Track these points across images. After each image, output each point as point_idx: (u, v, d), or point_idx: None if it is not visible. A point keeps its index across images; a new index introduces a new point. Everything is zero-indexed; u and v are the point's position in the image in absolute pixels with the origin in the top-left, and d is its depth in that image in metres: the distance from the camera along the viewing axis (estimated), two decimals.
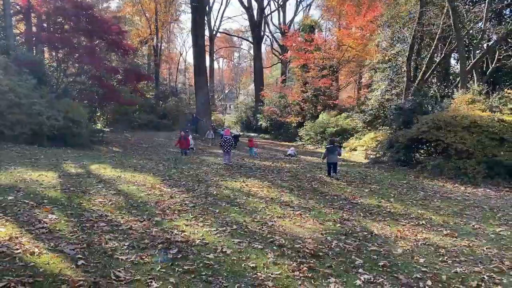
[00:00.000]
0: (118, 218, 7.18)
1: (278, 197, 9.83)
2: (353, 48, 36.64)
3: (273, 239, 6.51)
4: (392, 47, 31.46)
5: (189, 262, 5.38)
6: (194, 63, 35.49)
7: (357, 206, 9.32)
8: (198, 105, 35.33)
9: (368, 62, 34.33)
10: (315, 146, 32.62)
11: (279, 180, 12.37)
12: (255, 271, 5.23)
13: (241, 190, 10.53)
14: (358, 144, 29.49)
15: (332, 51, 37.89)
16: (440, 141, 14.15)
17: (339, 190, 11.22)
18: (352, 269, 5.53)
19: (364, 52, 36.88)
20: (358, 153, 28.19)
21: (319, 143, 33.14)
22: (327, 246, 6.36)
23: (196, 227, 6.91)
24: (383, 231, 7.44)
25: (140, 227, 6.73)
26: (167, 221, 7.20)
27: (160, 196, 9.19)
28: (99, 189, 9.44)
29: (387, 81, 31.16)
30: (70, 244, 5.70)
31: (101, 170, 12.15)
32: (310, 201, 9.60)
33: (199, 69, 34.67)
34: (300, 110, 39.49)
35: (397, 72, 30.75)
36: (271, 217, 7.92)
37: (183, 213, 7.82)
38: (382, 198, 10.38)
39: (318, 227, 7.44)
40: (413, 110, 17.23)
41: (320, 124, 33.49)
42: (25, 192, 8.47)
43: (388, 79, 31.10)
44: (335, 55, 37.52)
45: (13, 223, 6.41)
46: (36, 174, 10.55)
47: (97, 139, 22.61)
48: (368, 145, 28.35)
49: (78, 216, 7.07)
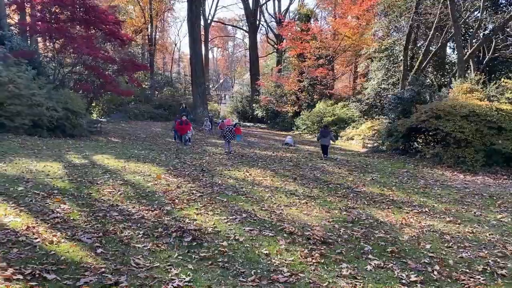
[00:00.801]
0: (129, 207, 7.31)
1: (282, 186, 9.99)
2: (349, 37, 36.65)
3: (283, 227, 6.66)
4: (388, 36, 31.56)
5: (204, 249, 5.53)
6: (190, 52, 35.39)
7: (361, 195, 9.49)
8: (195, 94, 35.27)
9: (364, 51, 34.38)
10: (312, 135, 32.72)
11: (282, 169, 12.53)
12: (269, 258, 5.38)
13: (245, 179, 10.68)
14: (355, 133, 29.67)
15: (328, 41, 37.88)
16: (439, 130, 14.35)
17: (342, 179, 11.39)
18: (362, 255, 5.70)
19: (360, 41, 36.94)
20: (355, 142, 28.39)
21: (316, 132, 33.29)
22: (336, 233, 6.53)
23: (206, 216, 7.05)
24: (388, 218, 7.62)
25: (152, 216, 6.86)
26: (178, 210, 7.34)
27: (167, 186, 9.32)
28: (106, 179, 9.55)
29: (383, 70, 31.27)
30: (86, 233, 5.83)
31: (104, 161, 12.24)
32: (314, 190, 9.77)
33: (196, 58, 34.56)
34: (296, 100, 39.54)
35: (394, 61, 30.87)
36: (278, 205, 8.08)
37: (192, 202, 7.96)
38: (384, 187, 10.57)
39: (325, 215, 7.61)
40: (411, 99, 17.39)
41: (317, 113, 33.59)
42: (34, 183, 8.56)
43: (384, 68, 31.22)
44: (331, 44, 37.52)
45: (27, 213, 6.52)
46: (41, 165, 10.62)
47: (95, 130, 22.65)
48: (365, 134, 28.52)
49: (89, 206, 7.19)
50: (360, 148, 25.55)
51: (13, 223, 6.00)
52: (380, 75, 31.33)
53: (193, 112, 34.11)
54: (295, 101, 39.56)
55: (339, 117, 32.43)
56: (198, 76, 34.93)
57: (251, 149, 18.94)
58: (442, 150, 14.43)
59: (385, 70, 31.20)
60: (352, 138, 29.66)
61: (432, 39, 26.06)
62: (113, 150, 14.74)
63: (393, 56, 30.96)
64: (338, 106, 33.82)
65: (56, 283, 4.33)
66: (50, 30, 19.49)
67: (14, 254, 4.92)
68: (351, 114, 32.93)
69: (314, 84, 37.97)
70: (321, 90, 37.22)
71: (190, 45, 34.88)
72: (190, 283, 4.54)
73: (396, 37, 30.24)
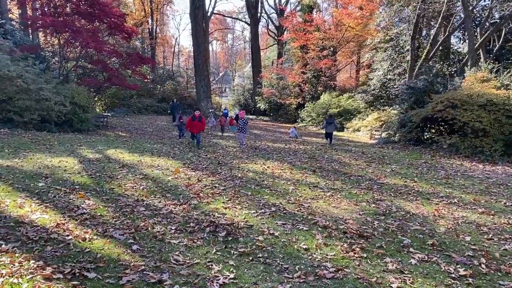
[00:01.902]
0: (155, 202, 7.14)
1: (303, 179, 9.81)
2: (352, 28, 36.34)
3: (315, 220, 6.50)
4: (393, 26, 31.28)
5: (241, 244, 5.35)
6: (194, 45, 35.11)
7: (385, 186, 9.32)
8: (198, 87, 35.07)
9: (369, 42, 34.09)
10: (318, 127, 32.54)
11: (298, 161, 12.35)
12: (310, 253, 5.22)
13: (264, 172, 10.51)
14: (362, 125, 29.48)
15: (332, 32, 37.54)
16: (456, 120, 14.16)
17: (361, 171, 11.22)
18: (402, 249, 5.53)
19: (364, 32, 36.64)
20: (362, 134, 28.22)
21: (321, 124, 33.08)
22: (370, 227, 6.36)
23: (235, 210, 6.88)
24: (419, 210, 7.45)
25: (180, 210, 6.69)
26: (204, 204, 7.17)
27: (187, 179, 9.15)
28: (125, 174, 9.37)
29: (389, 60, 31.03)
30: (117, 229, 5.66)
31: (119, 155, 12.06)
32: (336, 182, 9.59)
33: (198, 50, 34.30)
34: (300, 92, 39.29)
35: (399, 51, 30.62)
36: (304, 198, 7.91)
37: (217, 196, 7.79)
38: (406, 178, 10.40)
39: (354, 208, 7.44)
40: (424, 89, 17.17)
41: (322, 105, 33.37)
42: (53, 179, 8.39)
43: (390, 58, 30.97)
44: (335, 35, 37.20)
45: (53, 210, 6.35)
46: (56, 160, 10.45)
47: (101, 124, 22.50)
48: (372, 125, 28.36)
49: (114, 201, 7.02)
50: (368, 139, 25.39)
51: (41, 220, 5.83)
52: (385, 66, 31.10)
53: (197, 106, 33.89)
54: (299, 93, 39.33)
55: (345, 108, 32.23)
56: (201, 69, 34.70)
57: (262, 141, 18.75)
58: (459, 140, 14.24)
59: (390, 60, 30.96)
60: (358, 130, 29.48)
61: (439, 28, 25.81)
62: (125, 145, 14.55)
63: (398, 47, 30.70)
64: (343, 97, 33.55)
65: (98, 282, 4.17)
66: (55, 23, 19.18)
67: (49, 252, 4.76)
68: (357, 106, 32.72)
69: (318, 75, 37.68)
70: (326, 82, 36.94)
71: (193, 37, 34.63)
72: (235, 280, 4.37)
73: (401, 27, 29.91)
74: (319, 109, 33.41)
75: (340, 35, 36.91)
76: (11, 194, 7.07)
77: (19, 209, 6.27)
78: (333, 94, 34.64)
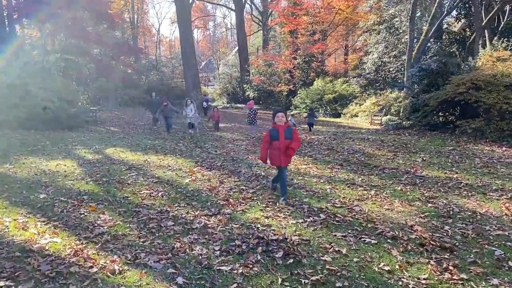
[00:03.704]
0: (182, 213, 6.06)
1: (334, 175, 8.80)
2: (343, 11, 35.36)
3: (378, 229, 5.50)
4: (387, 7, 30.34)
5: (308, 269, 4.31)
6: (180, 33, 33.61)
7: (428, 180, 8.34)
8: (187, 78, 33.72)
9: (362, 24, 33.10)
10: None
11: (319, 154, 11.33)
12: (396, 276, 4.20)
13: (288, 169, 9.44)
14: (359, 110, 28.61)
15: (322, 15, 36.39)
16: (480, 103, 13.26)
17: (391, 162, 10.24)
18: (500, 264, 4.55)
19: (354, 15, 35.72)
20: (360, 119, 27.36)
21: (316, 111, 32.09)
22: (445, 234, 5.38)
23: (278, 219, 5.84)
24: (485, 209, 6.49)
25: (216, 223, 5.63)
26: (240, 213, 6.11)
27: (207, 181, 8.07)
28: (134, 177, 8.26)
29: (383, 43, 30.12)
30: (150, 254, 4.58)
31: (120, 155, 10.93)
32: (372, 178, 8.60)
33: (185, 39, 32.88)
34: (290, 78, 38.18)
35: (394, 33, 29.73)
36: (349, 200, 6.89)
37: (250, 201, 6.73)
38: (444, 169, 9.45)
39: (410, 209, 6.46)
40: (438, 71, 16.23)
41: (316, 91, 32.32)
42: (54, 188, 7.26)
43: (384, 41, 30.06)
44: (325, 19, 36.09)
45: (64, 230, 5.25)
46: (53, 164, 9.31)
47: (90, 119, 21.18)
48: (370, 110, 27.51)
49: (134, 215, 5.93)
50: (368, 125, 24.53)
51: (54, 246, 4.74)
52: (380, 48, 30.18)
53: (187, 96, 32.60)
54: (289, 80, 38.20)
55: (340, 93, 31.29)
56: (189, 58, 33.34)
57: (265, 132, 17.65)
58: (483, 124, 13.35)
59: (385, 43, 30.06)
60: (356, 115, 28.61)
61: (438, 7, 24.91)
62: (123, 142, 13.38)
63: (393, 28, 29.79)
64: (338, 82, 32.58)
65: None
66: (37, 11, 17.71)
67: None
68: (352, 90, 31.82)
69: (309, 61, 36.61)
70: (318, 67, 35.90)
71: (179, 24, 33.16)
72: None
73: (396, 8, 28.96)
74: (313, 95, 32.36)
75: (330, 19, 35.83)
76: (9, 211, 5.95)
77: (23, 232, 5.15)
78: (326, 79, 33.62)
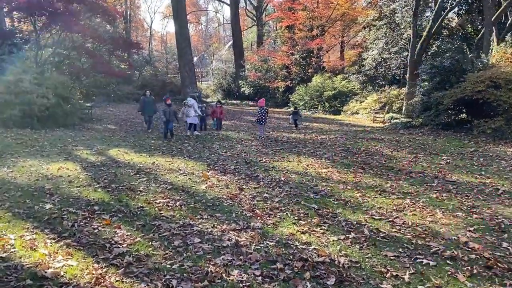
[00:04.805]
0: (207, 226, 5.43)
1: (360, 181, 8.20)
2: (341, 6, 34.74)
3: (430, 246, 4.92)
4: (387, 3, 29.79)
5: None
6: (176, 27, 32.87)
7: (461, 186, 7.79)
8: (183, 73, 33.10)
9: (361, 20, 32.51)
10: (312, 111, 30.96)
11: (335, 156, 10.73)
12: None
13: (308, 173, 8.86)
14: (360, 107, 28.12)
15: (320, 10, 35.71)
16: (500, 101, 12.72)
17: (415, 165, 9.67)
18: None
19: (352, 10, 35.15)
20: (361, 117, 26.88)
21: (315, 107, 31.53)
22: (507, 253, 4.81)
23: (317, 235, 5.23)
24: None
25: (248, 240, 5.01)
26: (272, 227, 5.50)
27: (225, 187, 7.44)
28: (145, 183, 7.61)
29: (384, 39, 29.59)
30: (182, 281, 3.96)
31: (125, 156, 10.26)
32: (401, 183, 8.02)
33: (181, 33, 32.20)
34: (287, 74, 37.50)
35: (395, 29, 29.22)
36: (386, 210, 6.31)
37: (278, 212, 6.12)
38: (473, 173, 8.91)
39: (455, 221, 5.89)
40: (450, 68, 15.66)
41: (315, 87, 31.67)
42: (60, 196, 6.60)
43: (385, 37, 29.53)
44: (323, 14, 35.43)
45: (79, 250, 4.59)
46: (55, 168, 8.63)
47: (86, 116, 20.41)
48: (371, 107, 27.03)
49: (154, 230, 5.29)
50: (371, 122, 24.05)
51: (70, 270, 4.09)
52: (380, 45, 29.63)
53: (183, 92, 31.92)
54: (286, 76, 37.52)
55: (340, 90, 30.68)
56: (185, 53, 32.73)
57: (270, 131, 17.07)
58: (503, 124, 12.82)
59: (385, 39, 29.53)
60: (357, 112, 28.11)
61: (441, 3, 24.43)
62: (125, 142, 12.71)
63: (393, 24, 29.27)
64: (337, 79, 31.97)
65: None
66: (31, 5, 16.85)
67: None
68: (352, 87, 31.27)
69: (308, 56, 35.95)
70: (316, 63, 35.27)
71: (175, 18, 32.52)
72: None
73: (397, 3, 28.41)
74: (313, 92, 31.73)
75: (328, 14, 35.18)
76: (13, 225, 5.28)
77: (31, 252, 4.50)
78: (325, 75, 33.01)
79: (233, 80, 45.48)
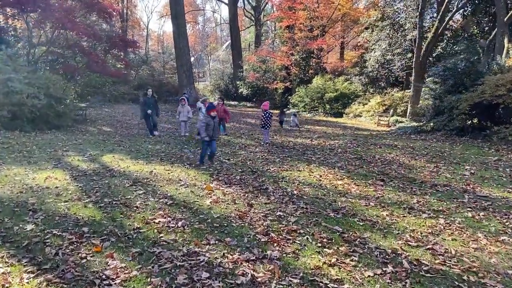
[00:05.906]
0: (216, 256, 4.58)
1: (382, 195, 7.35)
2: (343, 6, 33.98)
3: (486, 285, 4.11)
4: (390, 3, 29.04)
5: None
6: (174, 26, 31.99)
7: (497, 203, 6.95)
8: (180, 73, 32.30)
9: (364, 20, 31.71)
10: (312, 113, 30.11)
11: (349, 165, 9.89)
12: None
13: (322, 185, 8.01)
14: (363, 110, 27.29)
15: (321, 10, 34.89)
16: None
17: (437, 177, 8.84)
18: None
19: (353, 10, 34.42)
20: (364, 119, 26.07)
21: (316, 109, 30.68)
22: None
23: (347, 269, 4.39)
24: None
25: (267, 276, 4.16)
26: (292, 258, 4.64)
27: (232, 203, 6.58)
28: (143, 197, 6.75)
29: (387, 40, 28.80)
30: None
31: (120, 164, 9.40)
32: (427, 198, 7.19)
33: (179, 33, 31.34)
34: (286, 75, 36.64)
35: (398, 30, 28.45)
36: (421, 234, 5.47)
37: (297, 236, 5.28)
38: (502, 185, 8.10)
39: (504, 249, 5.06)
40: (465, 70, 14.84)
41: (316, 89, 30.79)
42: (45, 213, 5.75)
43: (388, 38, 28.75)
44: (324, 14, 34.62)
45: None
46: (41, 177, 7.77)
47: (80, 118, 19.52)
48: (375, 110, 26.24)
49: (153, 260, 4.44)
50: (375, 125, 23.24)
51: None
52: (384, 46, 28.83)
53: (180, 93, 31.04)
54: (285, 77, 36.65)
55: (342, 92, 29.81)
56: (183, 53, 31.92)
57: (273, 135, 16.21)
58: None
59: (388, 40, 28.74)
60: (359, 115, 27.29)
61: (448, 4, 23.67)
62: (121, 147, 11.83)
63: (397, 25, 28.49)
64: (339, 80, 31.12)
65: None
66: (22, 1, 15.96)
67: None
68: (354, 89, 30.44)
69: (308, 57, 35.11)
70: (317, 64, 34.45)
71: (173, 17, 31.67)
72: None
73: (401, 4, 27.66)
74: (313, 94, 30.83)
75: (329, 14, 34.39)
76: None
77: None
78: (326, 77, 32.18)
79: (231, 80, 44.61)
